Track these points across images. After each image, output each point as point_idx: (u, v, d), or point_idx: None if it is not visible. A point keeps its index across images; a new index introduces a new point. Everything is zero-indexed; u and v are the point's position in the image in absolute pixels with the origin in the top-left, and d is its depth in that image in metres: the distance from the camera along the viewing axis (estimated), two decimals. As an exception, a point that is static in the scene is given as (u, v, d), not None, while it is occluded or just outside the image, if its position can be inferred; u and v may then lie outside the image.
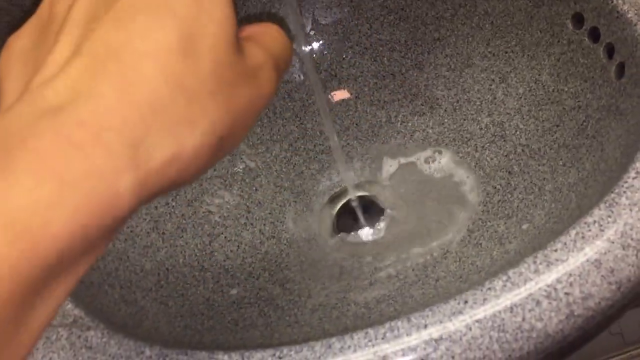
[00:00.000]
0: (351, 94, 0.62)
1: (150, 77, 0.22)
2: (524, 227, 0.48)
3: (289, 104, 0.61)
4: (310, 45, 0.61)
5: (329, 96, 0.62)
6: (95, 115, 0.21)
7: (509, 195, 0.52)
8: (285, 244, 0.55)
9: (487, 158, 0.56)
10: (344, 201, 0.58)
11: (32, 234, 0.19)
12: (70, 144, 0.20)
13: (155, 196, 0.23)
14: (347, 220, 0.57)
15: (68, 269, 0.20)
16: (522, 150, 0.54)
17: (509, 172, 0.53)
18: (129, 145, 0.21)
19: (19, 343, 0.20)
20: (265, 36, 0.28)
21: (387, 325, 0.35)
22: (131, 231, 0.50)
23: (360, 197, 0.57)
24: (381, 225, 0.56)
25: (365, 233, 0.56)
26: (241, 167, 0.59)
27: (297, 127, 0.61)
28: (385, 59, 0.62)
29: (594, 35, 0.50)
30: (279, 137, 0.61)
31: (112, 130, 0.21)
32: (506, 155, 0.55)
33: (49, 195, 0.19)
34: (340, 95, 0.62)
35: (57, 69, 0.22)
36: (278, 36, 0.29)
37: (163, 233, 0.52)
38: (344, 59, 0.62)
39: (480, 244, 0.50)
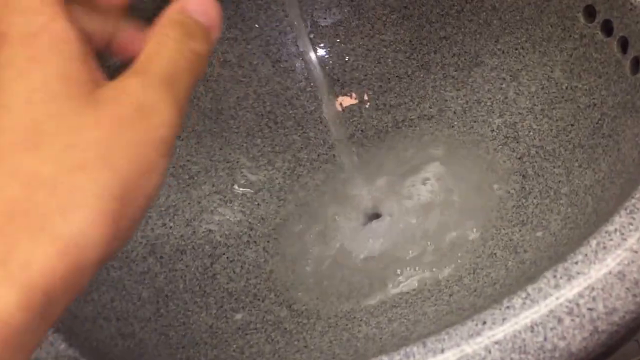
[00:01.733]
0: (355, 99, 0.61)
1: (6, 177, 0.21)
2: (539, 234, 0.47)
3: (290, 112, 0.61)
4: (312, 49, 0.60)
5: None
6: None
7: (524, 200, 0.51)
8: (290, 261, 0.54)
9: (500, 161, 0.55)
10: (352, 213, 0.57)
11: None
12: None
13: (71, 295, 0.21)
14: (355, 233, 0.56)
15: None
16: (536, 152, 0.53)
17: (523, 176, 0.53)
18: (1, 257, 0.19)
19: None
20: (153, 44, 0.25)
21: (402, 351, 0.34)
22: (126, 257, 0.49)
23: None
24: (388, 235, 0.55)
25: (373, 245, 0.55)
26: (242, 181, 0.58)
27: (299, 136, 0.60)
28: (390, 60, 0.61)
29: (607, 28, 0.49)
30: (281, 148, 0.60)
31: None
32: (519, 158, 0.54)
33: None
34: (346, 101, 0.61)
35: None
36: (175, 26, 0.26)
37: (161, 257, 0.51)
38: (346, 62, 0.61)
39: (495, 253, 0.49)
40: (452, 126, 0.58)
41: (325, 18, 0.61)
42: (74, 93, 0.22)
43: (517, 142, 0.55)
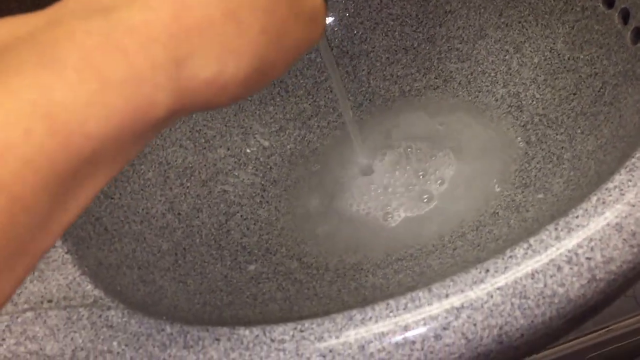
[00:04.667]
0: (363, 70, 0.62)
1: (205, 2, 0.23)
2: (541, 195, 0.47)
3: (302, 81, 0.61)
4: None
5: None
6: (145, 25, 0.21)
7: (527, 165, 0.52)
8: (301, 219, 0.55)
9: (504, 128, 0.55)
10: (359, 175, 0.58)
11: (70, 130, 0.19)
12: (117, 48, 0.20)
13: (189, 112, 0.24)
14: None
15: (99, 168, 0.21)
16: (539, 120, 0.53)
17: (527, 142, 0.53)
18: (172, 60, 0.22)
19: (50, 230, 0.20)
20: None
21: (407, 296, 0.35)
22: (147, 213, 0.50)
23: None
24: (393, 196, 0.56)
25: (379, 204, 0.55)
26: (255, 146, 0.59)
27: (310, 104, 0.61)
28: (397, 33, 0.61)
29: (609, 1, 0.50)
30: (292, 115, 0.60)
31: (159, 43, 0.21)
32: (523, 126, 0.54)
33: (89, 95, 0.20)
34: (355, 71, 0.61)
35: None
36: None
37: (179, 214, 0.52)
38: (355, 34, 0.62)
39: (497, 213, 0.49)
40: (457, 95, 0.59)
41: None
42: None
43: (521, 111, 0.55)
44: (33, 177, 0.19)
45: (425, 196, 0.54)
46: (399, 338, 0.34)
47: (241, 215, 0.54)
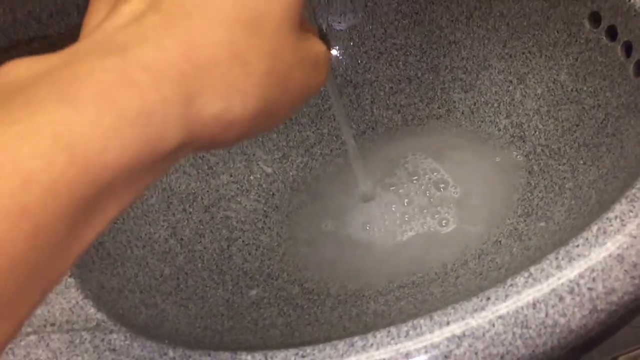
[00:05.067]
0: (367, 98, 0.62)
1: (214, 43, 0.24)
2: (542, 224, 0.48)
3: (305, 109, 0.62)
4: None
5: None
6: (157, 62, 0.22)
7: (529, 194, 0.52)
8: (302, 245, 0.55)
9: (506, 158, 0.56)
10: (360, 202, 0.58)
11: (88, 160, 0.20)
12: (131, 83, 0.22)
13: (197, 149, 0.25)
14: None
15: (112, 199, 0.22)
16: (542, 150, 0.54)
17: (529, 172, 0.54)
18: (182, 96, 0.23)
19: (65, 258, 0.21)
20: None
21: (409, 323, 0.35)
22: (149, 238, 0.50)
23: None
24: (394, 223, 0.56)
25: (380, 232, 0.56)
26: (258, 173, 0.59)
27: (313, 132, 0.62)
28: (401, 63, 0.62)
29: (612, 33, 0.50)
30: (295, 142, 0.61)
31: (170, 80, 0.22)
32: (526, 156, 0.55)
33: (107, 128, 0.21)
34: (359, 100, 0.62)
35: (131, 18, 0.24)
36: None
37: (181, 239, 0.52)
38: (359, 64, 0.62)
39: (500, 241, 0.50)
40: (460, 125, 0.59)
41: (340, 22, 0.62)
42: (286, 18, 0.26)
43: (524, 141, 0.55)
44: (53, 204, 0.20)
45: (428, 224, 0.55)
46: (400, 365, 0.34)
47: (243, 241, 0.54)
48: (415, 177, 0.58)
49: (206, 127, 0.24)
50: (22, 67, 0.22)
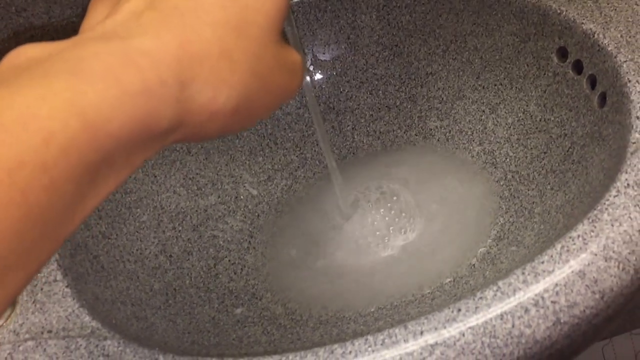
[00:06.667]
0: (349, 125, 0.64)
1: (205, 39, 0.26)
2: (512, 248, 0.49)
3: (290, 134, 0.63)
4: (310, 78, 0.63)
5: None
6: (156, 50, 0.25)
7: (501, 219, 0.53)
8: (286, 266, 0.56)
9: (479, 184, 0.57)
10: (342, 224, 0.59)
11: (97, 127, 0.22)
12: (133, 65, 0.24)
13: (184, 136, 0.27)
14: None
15: (112, 169, 0.24)
16: (512, 177, 0.55)
17: (500, 197, 0.55)
18: (177, 81, 0.25)
19: (71, 219, 0.23)
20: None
21: (385, 332, 0.37)
22: (140, 253, 0.51)
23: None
24: (375, 248, 0.57)
25: (362, 254, 0.57)
26: (244, 194, 0.60)
27: (297, 156, 0.63)
28: (381, 92, 0.64)
29: (578, 67, 0.52)
30: (280, 166, 0.62)
31: (168, 66, 0.25)
32: (497, 181, 0.56)
33: (112, 100, 0.23)
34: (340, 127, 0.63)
35: (131, 15, 0.26)
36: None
37: (170, 256, 0.53)
38: (341, 92, 0.64)
39: (474, 264, 0.51)
40: (436, 152, 0.61)
41: (324, 53, 0.64)
42: (269, 26, 0.28)
43: (495, 168, 0.57)
44: (65, 164, 0.21)
45: (406, 247, 0.56)
46: (376, 372, 0.35)
47: (229, 260, 0.56)
48: (394, 199, 0.59)
49: (194, 114, 0.26)
50: (35, 49, 0.25)
